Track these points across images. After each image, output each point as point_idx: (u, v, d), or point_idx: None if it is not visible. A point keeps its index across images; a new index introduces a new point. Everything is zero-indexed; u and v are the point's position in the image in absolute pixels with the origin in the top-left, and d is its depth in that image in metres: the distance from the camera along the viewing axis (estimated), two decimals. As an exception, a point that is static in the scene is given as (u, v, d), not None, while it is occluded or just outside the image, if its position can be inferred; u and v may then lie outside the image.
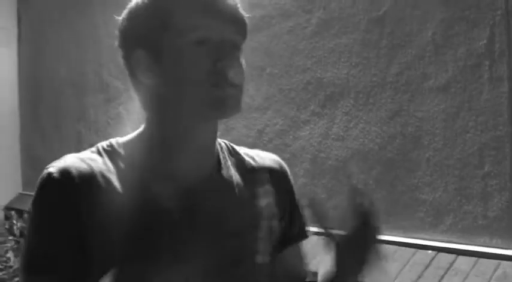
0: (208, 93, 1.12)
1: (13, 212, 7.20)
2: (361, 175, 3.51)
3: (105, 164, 1.17)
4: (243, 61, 1.17)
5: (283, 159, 1.40)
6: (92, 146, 1.24)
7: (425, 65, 3.27)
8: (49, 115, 7.78)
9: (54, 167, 1.15)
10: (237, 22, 1.16)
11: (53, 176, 1.13)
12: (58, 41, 7.48)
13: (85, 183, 1.13)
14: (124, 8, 1.20)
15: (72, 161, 1.16)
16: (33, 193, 1.14)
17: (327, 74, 3.71)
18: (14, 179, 8.37)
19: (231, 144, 1.35)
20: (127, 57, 1.19)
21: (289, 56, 3.86)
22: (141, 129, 1.24)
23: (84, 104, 6.84)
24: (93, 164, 1.16)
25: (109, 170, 1.16)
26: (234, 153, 1.32)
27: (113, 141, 1.24)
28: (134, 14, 1.18)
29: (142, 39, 1.16)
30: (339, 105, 3.65)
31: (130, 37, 1.19)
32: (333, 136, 3.66)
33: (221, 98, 1.13)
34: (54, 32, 7.58)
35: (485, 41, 3.03)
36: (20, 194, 8.24)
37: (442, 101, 3.20)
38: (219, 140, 1.30)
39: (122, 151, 1.21)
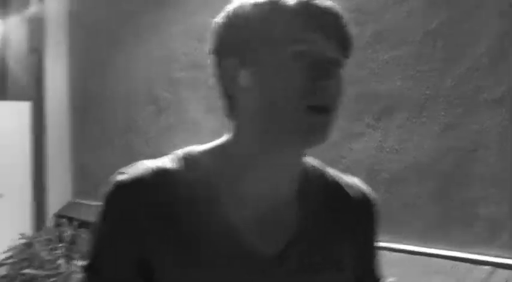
0: (296, 119, 1.04)
1: (64, 220, 7.32)
2: (415, 189, 3.48)
3: (180, 175, 1.11)
4: (343, 82, 1.10)
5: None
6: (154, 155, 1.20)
7: (479, 78, 3.24)
8: (99, 126, 7.88)
9: (124, 176, 1.11)
10: (342, 40, 1.09)
11: (122, 187, 1.10)
12: (108, 54, 7.58)
13: (155, 198, 1.08)
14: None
15: (144, 171, 1.11)
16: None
17: (380, 86, 3.70)
18: (64, 188, 8.51)
19: (322, 165, 1.26)
20: (218, 64, 1.14)
21: (342, 67, 3.83)
22: (223, 138, 1.17)
23: (134, 115, 6.92)
24: (166, 176, 1.11)
25: (183, 183, 1.10)
26: (321, 177, 1.24)
27: (191, 149, 1.18)
28: (232, 20, 1.11)
29: (237, 47, 1.09)
30: (392, 118, 3.63)
31: (224, 44, 1.12)
32: (387, 149, 3.63)
33: (309, 126, 1.05)
34: (104, 45, 7.69)
35: (542, 54, 3.00)
36: (70, 202, 8.36)
37: (497, 113, 3.15)
38: (308, 160, 1.23)
39: (200, 161, 1.14)
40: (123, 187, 1.10)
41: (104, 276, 1.10)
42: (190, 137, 5.60)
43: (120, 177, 1.11)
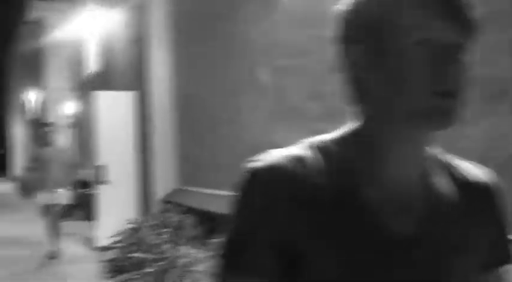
0: (422, 104, 1.06)
1: (170, 206, 7.52)
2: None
3: (316, 162, 1.13)
4: (467, 66, 1.10)
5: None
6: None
7: None
8: (203, 116, 8.03)
9: (261, 164, 1.12)
10: (465, 25, 1.08)
11: (260, 175, 1.10)
12: (210, 43, 7.69)
13: (294, 185, 1.10)
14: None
15: (279, 158, 1.12)
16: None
17: (491, 70, 3.59)
18: (170, 175, 8.75)
19: (443, 152, 1.27)
20: (344, 51, 1.15)
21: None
22: (350, 126, 1.19)
23: (236, 103, 7.00)
24: (303, 163, 1.12)
25: (319, 171, 1.12)
26: (444, 163, 1.24)
27: (323, 137, 1.19)
28: (358, 7, 1.13)
29: (364, 34, 1.11)
30: (505, 103, 3.53)
31: (351, 31, 1.14)
32: (500, 134, 3.53)
33: (435, 111, 1.06)
34: (206, 34, 7.80)
35: None
36: (176, 189, 8.59)
37: None
38: (431, 148, 1.23)
39: (333, 149, 1.16)
40: (261, 175, 1.10)
41: (244, 268, 1.10)
42: (292, 124, 5.62)
43: (256, 165, 1.12)
